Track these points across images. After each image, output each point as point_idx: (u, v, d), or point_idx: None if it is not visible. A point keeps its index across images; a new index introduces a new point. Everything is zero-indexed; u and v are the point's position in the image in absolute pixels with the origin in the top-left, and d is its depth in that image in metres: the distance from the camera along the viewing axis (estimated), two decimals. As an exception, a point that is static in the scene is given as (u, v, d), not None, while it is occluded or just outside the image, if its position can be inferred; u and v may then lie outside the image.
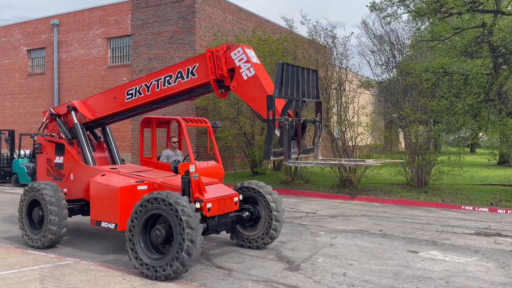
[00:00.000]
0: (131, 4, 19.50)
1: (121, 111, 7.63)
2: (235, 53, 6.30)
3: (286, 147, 5.51)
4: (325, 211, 11.35)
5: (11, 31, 24.09)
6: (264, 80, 6.05)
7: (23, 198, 7.55)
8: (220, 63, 6.37)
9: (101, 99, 7.91)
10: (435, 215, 10.82)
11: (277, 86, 5.50)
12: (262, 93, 5.86)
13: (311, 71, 6.16)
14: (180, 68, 6.81)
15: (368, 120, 14.50)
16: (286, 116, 5.60)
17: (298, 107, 5.93)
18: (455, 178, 14.80)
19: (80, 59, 21.26)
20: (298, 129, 5.88)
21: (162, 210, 5.69)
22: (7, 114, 24.15)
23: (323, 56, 14.86)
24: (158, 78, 7.01)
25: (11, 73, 24.02)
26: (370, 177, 15.57)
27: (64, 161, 7.95)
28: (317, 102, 6.30)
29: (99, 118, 7.91)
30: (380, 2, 12.62)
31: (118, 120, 8.21)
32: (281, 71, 5.53)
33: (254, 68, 6.13)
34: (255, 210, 7.30)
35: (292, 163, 5.63)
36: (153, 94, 7.08)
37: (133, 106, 7.38)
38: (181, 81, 6.78)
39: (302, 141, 5.99)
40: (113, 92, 7.68)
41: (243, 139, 16.84)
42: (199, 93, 7.05)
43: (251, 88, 6.11)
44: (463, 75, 13.26)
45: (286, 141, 5.51)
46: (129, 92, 7.35)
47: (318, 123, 6.24)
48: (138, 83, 7.26)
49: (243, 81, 6.19)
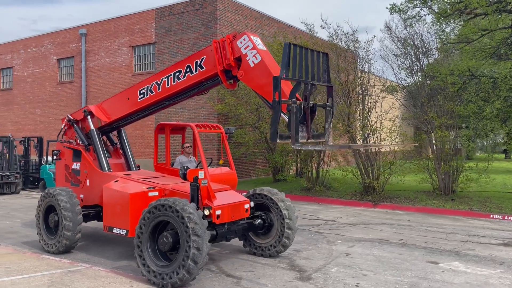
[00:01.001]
0: (155, 13, 19.83)
1: (134, 111, 7.67)
2: (241, 41, 6.21)
3: (294, 131, 5.29)
4: (345, 218, 11.07)
5: (42, 41, 24.95)
6: (271, 66, 5.90)
7: (40, 204, 7.68)
8: (227, 53, 6.30)
9: (115, 102, 7.99)
10: (461, 224, 10.36)
11: (283, 67, 5.30)
12: (269, 79, 5.66)
13: (322, 54, 5.90)
14: (188, 63, 6.81)
15: (392, 126, 14.09)
16: (293, 99, 5.38)
17: (307, 91, 5.67)
18: (486, 185, 14.18)
19: (106, 67, 21.76)
20: (307, 113, 5.63)
21: (169, 217, 5.64)
22: (38, 121, 24.96)
23: (344, 60, 14.58)
24: (168, 75, 7.03)
25: (42, 81, 24.85)
26: (394, 184, 15.13)
27: (81, 167, 8.05)
28: (328, 87, 6.04)
29: (114, 120, 7.98)
30: (401, 3, 12.29)
31: (133, 121, 8.23)
32: (288, 51, 5.33)
33: (260, 54, 6.02)
34: (267, 218, 7.15)
35: (299, 146, 5.38)
36: (164, 91, 7.09)
37: (145, 105, 7.41)
38: (190, 75, 6.75)
39: (312, 126, 5.76)
40: (126, 94, 7.75)
41: (264, 145, 16.73)
42: (208, 86, 6.98)
43: (258, 74, 5.98)
44: (492, 78, 12.71)
45: (294, 124, 5.29)
46: (141, 91, 7.40)
47: (329, 108, 5.97)
48: (150, 82, 7.31)
49: (250, 69, 6.08)
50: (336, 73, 14.38)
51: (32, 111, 25.34)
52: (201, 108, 18.22)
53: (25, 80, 25.87)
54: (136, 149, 19.84)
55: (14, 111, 26.42)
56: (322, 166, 15.54)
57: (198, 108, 18.32)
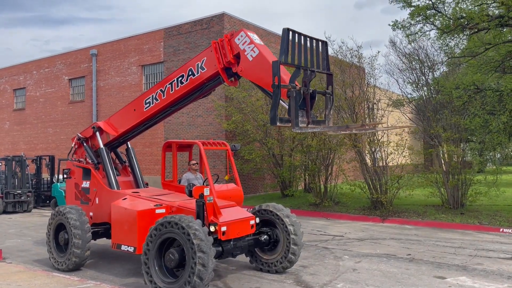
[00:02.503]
0: (164, 32, 20.26)
1: (141, 122, 7.86)
2: (238, 38, 6.38)
3: (294, 115, 5.39)
4: (353, 234, 11.05)
5: (54, 61, 25.56)
6: (269, 58, 6.02)
7: (50, 222, 7.85)
8: (226, 51, 6.49)
9: (122, 115, 8.19)
10: (470, 238, 10.28)
11: (282, 52, 5.39)
12: (268, 69, 5.76)
13: (321, 42, 5.97)
14: (190, 66, 7.02)
15: (399, 140, 14.12)
16: (293, 84, 5.48)
17: (307, 77, 5.75)
18: (496, 199, 14.06)
19: (116, 86, 22.18)
20: (306, 98, 5.71)
21: (175, 234, 5.74)
22: (50, 140, 25.39)
23: (349, 76, 14.72)
24: (171, 81, 7.24)
25: (54, 101, 25.37)
26: (403, 198, 15.07)
27: (91, 185, 8.23)
28: (328, 74, 6.13)
29: (122, 133, 8.17)
30: (403, 20, 12.45)
31: (140, 132, 8.42)
32: (287, 37, 5.40)
33: (258, 47, 6.16)
34: (273, 234, 7.22)
35: (298, 129, 5.49)
36: (168, 97, 7.28)
37: (152, 113, 7.61)
38: (192, 78, 6.96)
39: (312, 112, 5.83)
40: (132, 105, 7.96)
41: (271, 160, 16.83)
42: (210, 87, 7.14)
43: (257, 67, 6.10)
44: (497, 92, 12.72)
45: (294, 109, 5.40)
46: (146, 101, 7.61)
47: (328, 95, 6.05)
48: (154, 90, 7.52)
49: (248, 63, 6.22)
50: (342, 88, 14.51)
51: (44, 130, 25.81)
52: (209, 125, 18.44)
53: (37, 100, 26.43)
54: (145, 166, 20.06)
55: (26, 130, 26.94)
56: (330, 181, 15.56)
57: (206, 125, 18.55)
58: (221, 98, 17.84)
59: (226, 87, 17.19)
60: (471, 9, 11.87)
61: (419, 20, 12.36)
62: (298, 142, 15.88)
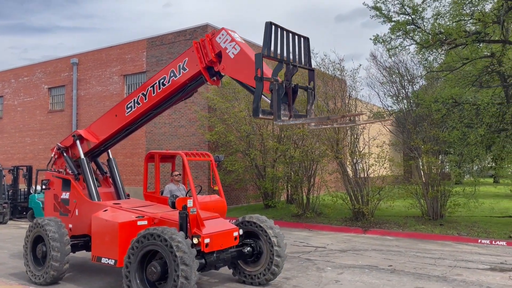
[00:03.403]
0: (147, 42, 20.19)
1: (123, 127, 7.76)
2: (219, 36, 6.41)
3: (276, 107, 5.42)
4: (335, 245, 11.10)
5: (34, 70, 25.14)
6: (251, 54, 6.04)
7: (28, 234, 7.64)
8: (207, 51, 6.50)
9: (103, 121, 8.09)
10: (449, 249, 10.44)
11: (265, 45, 5.40)
12: (250, 65, 5.79)
13: (303, 38, 6.01)
14: (172, 68, 6.99)
15: (380, 152, 14.32)
16: (275, 77, 5.51)
17: (289, 71, 5.76)
18: (474, 210, 14.34)
19: (97, 95, 21.92)
20: (289, 92, 5.73)
21: (158, 246, 5.67)
22: (28, 150, 24.84)
23: (332, 88, 14.92)
24: (153, 84, 7.20)
25: (33, 110, 24.89)
26: (384, 209, 15.24)
27: (70, 196, 8.06)
28: (310, 70, 6.16)
29: (104, 140, 8.04)
30: (384, 35, 12.75)
31: (122, 139, 8.29)
32: (270, 30, 5.43)
33: (239, 45, 6.19)
34: (256, 245, 7.19)
35: (281, 122, 5.51)
36: (150, 100, 7.23)
37: (133, 118, 7.53)
38: (174, 79, 6.93)
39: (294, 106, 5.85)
40: (114, 111, 7.86)
41: (254, 171, 16.83)
42: (193, 87, 7.12)
43: (239, 63, 6.13)
44: (475, 105, 13.07)
45: (276, 101, 5.42)
46: (128, 106, 7.53)
47: (310, 90, 6.07)
48: (136, 94, 7.45)
49: (230, 60, 6.25)
50: (324, 101, 14.68)
51: (21, 139, 25.25)
52: (191, 135, 18.36)
53: (15, 109, 25.89)
54: (127, 177, 19.79)
55: (3, 140, 26.31)
56: (312, 192, 15.63)
57: (188, 135, 18.46)
58: (204, 108, 17.82)
59: (209, 98, 17.20)
60: (449, 25, 12.23)
61: (399, 35, 12.67)
62: (281, 153, 15.95)
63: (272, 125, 16.88)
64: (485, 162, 14.49)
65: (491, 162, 13.71)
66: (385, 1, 12.83)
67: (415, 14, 12.53)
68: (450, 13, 12.71)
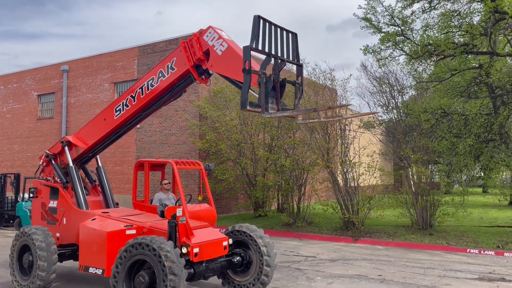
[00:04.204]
0: (138, 50, 20.17)
1: (112, 131, 7.71)
2: (207, 35, 6.44)
3: (263, 100, 5.44)
4: (325, 254, 11.08)
5: (23, 77, 24.93)
6: (238, 50, 6.05)
7: (14, 243, 7.52)
8: (195, 49, 6.53)
9: (92, 126, 8.04)
10: (438, 259, 10.48)
11: (253, 38, 5.41)
12: (238, 60, 5.79)
13: (291, 33, 6.04)
14: (160, 68, 7.00)
15: (370, 161, 14.39)
16: (263, 71, 5.52)
17: (277, 66, 5.80)
18: (463, 219, 14.43)
19: (87, 103, 21.79)
20: (277, 86, 5.76)
21: (146, 256, 5.61)
22: (16, 157, 24.54)
23: (323, 97, 15.01)
24: (141, 85, 7.20)
25: (21, 117, 24.64)
26: (374, 218, 15.28)
27: (58, 205, 7.96)
28: (298, 65, 6.19)
29: (92, 145, 7.98)
30: (374, 45, 12.90)
31: (110, 143, 8.23)
32: (258, 24, 5.44)
33: (226, 42, 6.22)
34: (246, 255, 7.15)
35: (268, 114, 5.54)
36: (139, 102, 7.22)
37: (122, 121, 7.50)
38: (163, 79, 6.93)
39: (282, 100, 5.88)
40: (102, 115, 7.82)
41: (245, 180, 16.79)
42: (181, 87, 7.13)
43: (227, 59, 6.14)
44: (463, 116, 13.24)
45: (263, 94, 5.44)
46: (117, 109, 7.50)
47: (298, 85, 6.10)
48: (124, 97, 7.44)
49: (218, 57, 6.26)
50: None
51: (10, 147, 24.95)
52: (182, 143, 18.30)
53: (4, 116, 25.61)
54: (116, 185, 19.62)
55: (-9, 147, 25.98)
56: (303, 201, 15.62)
57: (179, 144, 18.40)
58: (195, 117, 17.79)
59: (200, 106, 17.19)
60: (437, 37, 12.42)
61: (389, 45, 12.83)
62: (272, 162, 15.95)
63: (263, 134, 16.90)
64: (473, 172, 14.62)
65: (480, 172, 13.83)
66: (375, 12, 13.01)
67: (405, 26, 12.72)
68: (439, 25, 12.92)
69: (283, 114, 5.80)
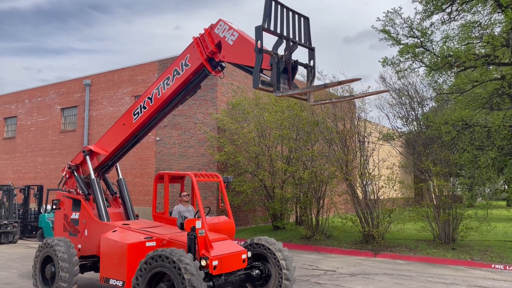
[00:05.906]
0: (158, 64, 20.53)
1: (131, 135, 7.87)
2: (218, 28, 6.56)
3: (275, 79, 5.49)
4: (345, 268, 10.93)
5: (47, 91, 25.63)
6: (250, 38, 6.11)
7: (37, 254, 7.67)
8: (207, 43, 6.66)
9: (111, 133, 8.21)
10: (462, 274, 10.22)
11: (265, 18, 5.43)
12: (249, 47, 5.85)
13: (303, 17, 6.05)
14: (175, 66, 7.15)
15: (390, 173, 14.21)
16: (275, 51, 5.56)
17: (288, 47, 5.81)
18: (487, 234, 14.06)
19: (109, 116, 22.21)
20: (288, 68, 5.79)
21: (166, 268, 5.65)
22: (39, 169, 25.10)
23: (341, 109, 14.95)
24: (158, 86, 7.36)
25: (45, 130, 25.26)
26: (394, 232, 15.02)
27: (80, 216, 8.11)
28: (310, 49, 6.18)
29: (113, 152, 8.14)
30: (392, 57, 12.84)
31: (130, 148, 8.36)
32: (270, 5, 5.47)
33: (237, 31, 6.31)
34: (265, 268, 7.12)
35: (279, 93, 5.58)
36: (156, 102, 7.38)
37: (141, 123, 7.66)
38: (178, 77, 7.08)
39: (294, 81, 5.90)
40: (121, 121, 8.00)
41: (263, 192, 16.77)
42: (197, 82, 7.25)
43: (239, 48, 6.22)
44: (486, 128, 12.99)
45: (275, 74, 5.48)
46: (135, 112, 7.68)
47: (310, 68, 6.10)
48: (142, 100, 7.61)
49: (230, 47, 6.36)
50: (333, 122, 14.70)
51: (33, 159, 25.56)
52: (201, 156, 18.43)
53: (28, 129, 26.31)
54: (136, 197, 19.85)
55: (15, 159, 26.65)
56: (321, 213, 15.49)
57: (198, 156, 18.54)
58: (213, 129, 17.93)
59: (218, 119, 17.32)
60: (458, 48, 12.29)
61: (408, 57, 12.75)
62: (290, 174, 15.90)
63: (281, 146, 16.90)
64: (497, 185, 14.27)
65: (504, 184, 13.49)
66: (394, 24, 12.97)
67: (424, 37, 12.64)
68: (459, 36, 12.79)
69: (294, 92, 5.84)
